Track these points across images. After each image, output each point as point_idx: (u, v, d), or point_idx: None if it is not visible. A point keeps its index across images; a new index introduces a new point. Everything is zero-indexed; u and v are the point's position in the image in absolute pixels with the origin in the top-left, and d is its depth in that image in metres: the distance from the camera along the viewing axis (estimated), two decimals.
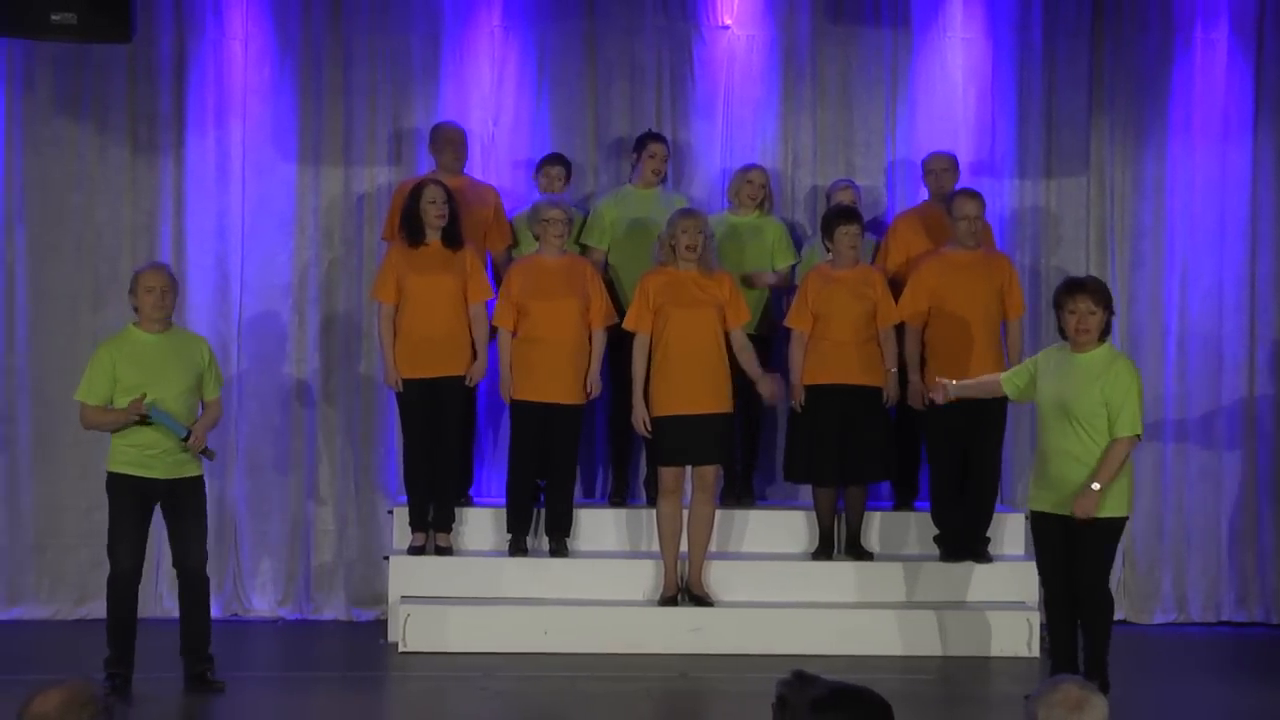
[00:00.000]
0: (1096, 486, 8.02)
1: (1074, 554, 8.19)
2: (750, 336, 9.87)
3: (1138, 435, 8.13)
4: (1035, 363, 8.39)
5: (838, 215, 9.87)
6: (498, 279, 10.02)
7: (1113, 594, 8.44)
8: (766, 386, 9.59)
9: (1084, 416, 8.07)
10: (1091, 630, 8.28)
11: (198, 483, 8.59)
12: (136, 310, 8.58)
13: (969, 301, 9.72)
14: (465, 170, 10.29)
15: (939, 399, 8.76)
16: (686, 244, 9.44)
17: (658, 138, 10.35)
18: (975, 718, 8.86)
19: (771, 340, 10.28)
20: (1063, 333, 8.27)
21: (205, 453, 8.52)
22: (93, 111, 10.45)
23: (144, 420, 8.37)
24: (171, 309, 8.57)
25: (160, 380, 8.43)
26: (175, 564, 8.67)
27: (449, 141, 10.18)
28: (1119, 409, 8.06)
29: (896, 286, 10.04)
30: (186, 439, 8.39)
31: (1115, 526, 8.20)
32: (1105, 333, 8.20)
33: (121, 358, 8.46)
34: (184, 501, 8.52)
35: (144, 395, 8.36)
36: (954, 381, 8.69)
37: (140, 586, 8.73)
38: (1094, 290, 8.17)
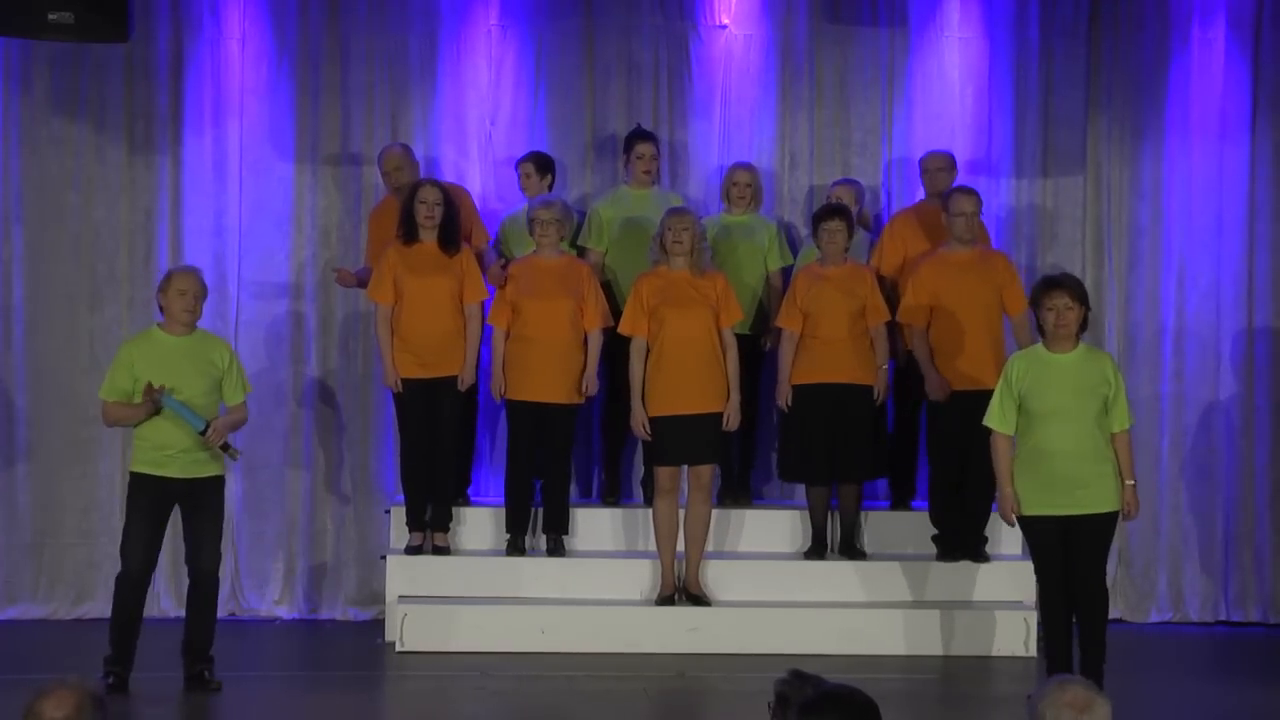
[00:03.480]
0: (1132, 483, 8.24)
1: (1073, 551, 8.22)
2: (743, 336, 9.87)
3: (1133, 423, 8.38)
4: (1009, 382, 8.27)
5: (822, 212, 9.91)
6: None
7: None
8: (733, 411, 9.55)
9: (1091, 415, 8.13)
10: (1092, 626, 8.29)
11: (217, 483, 8.60)
12: (163, 309, 8.60)
13: (967, 300, 9.72)
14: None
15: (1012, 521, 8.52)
16: (673, 239, 9.45)
17: (645, 138, 10.31)
18: (973, 717, 8.85)
19: (760, 339, 10.25)
20: (1041, 330, 8.28)
21: (227, 449, 8.50)
22: (90, 111, 10.45)
23: (158, 410, 8.37)
24: (200, 314, 8.58)
25: (178, 382, 8.44)
26: (188, 563, 8.68)
27: (399, 166, 10.06)
28: (1122, 405, 8.22)
29: (894, 287, 10.05)
30: (204, 432, 8.39)
31: (1115, 521, 8.27)
32: (1082, 329, 8.24)
33: (142, 357, 8.49)
34: (202, 501, 8.53)
35: (162, 386, 8.37)
36: (1011, 493, 8.32)
37: None
38: (1070, 286, 8.22)
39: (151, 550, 8.56)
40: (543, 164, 10.32)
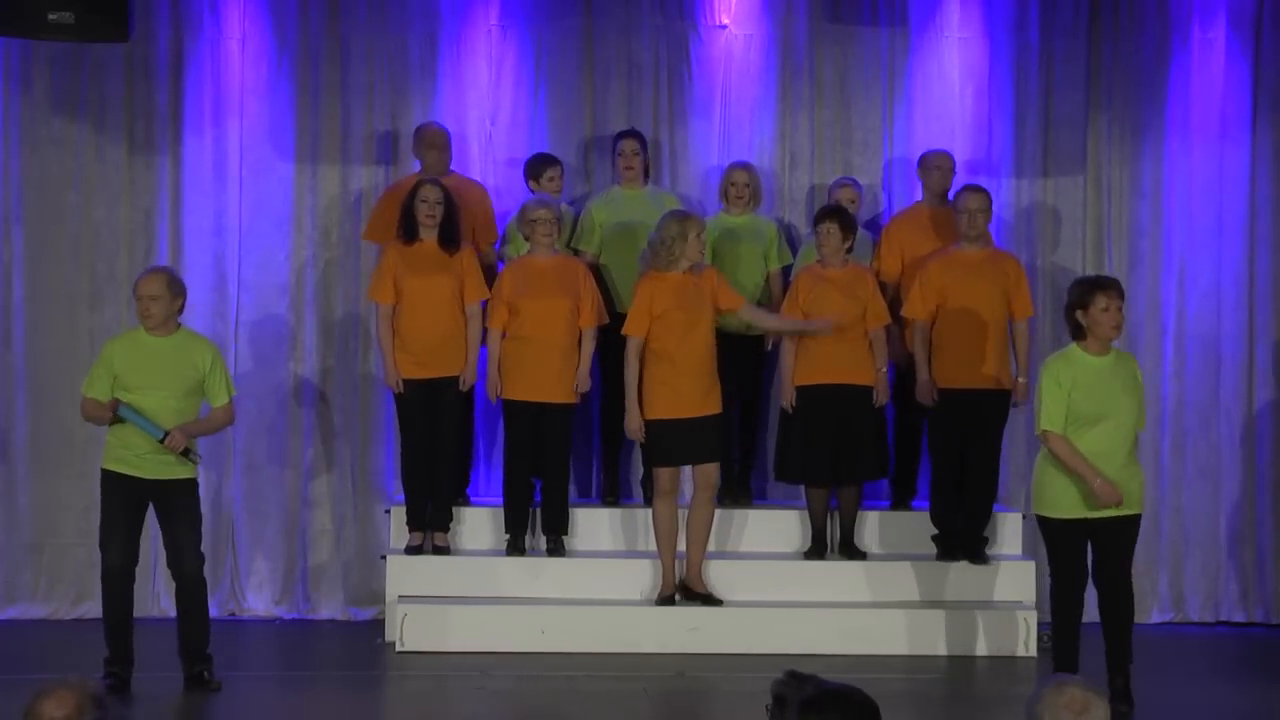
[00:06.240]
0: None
1: (1100, 553, 8.24)
2: (741, 337, 9.89)
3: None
4: (1058, 383, 8.12)
5: (819, 214, 9.92)
6: (486, 276, 9.99)
7: None
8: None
9: (1129, 419, 8.16)
10: (1122, 627, 8.30)
11: (188, 486, 8.55)
12: None
13: (976, 300, 9.71)
14: (458, 169, 10.30)
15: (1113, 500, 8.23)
16: (701, 249, 9.42)
17: (630, 135, 10.31)
18: (973, 717, 8.86)
19: (763, 340, 10.25)
20: (1080, 332, 8.19)
21: (186, 454, 8.46)
22: (90, 111, 10.44)
23: (119, 419, 8.36)
24: (164, 315, 8.50)
25: (157, 382, 8.43)
26: (170, 568, 8.66)
27: (431, 144, 10.13)
28: (1141, 405, 8.32)
29: (895, 293, 10.07)
30: (163, 440, 8.36)
31: (1139, 523, 8.31)
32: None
33: (122, 355, 8.48)
34: (174, 504, 8.51)
35: (117, 400, 8.36)
36: (1104, 481, 8.07)
37: (138, 586, 8.74)
38: (1118, 288, 8.23)
39: (130, 545, 8.54)
40: (561, 166, 10.30)
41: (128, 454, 8.44)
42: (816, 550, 9.97)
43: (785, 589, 9.85)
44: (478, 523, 10.14)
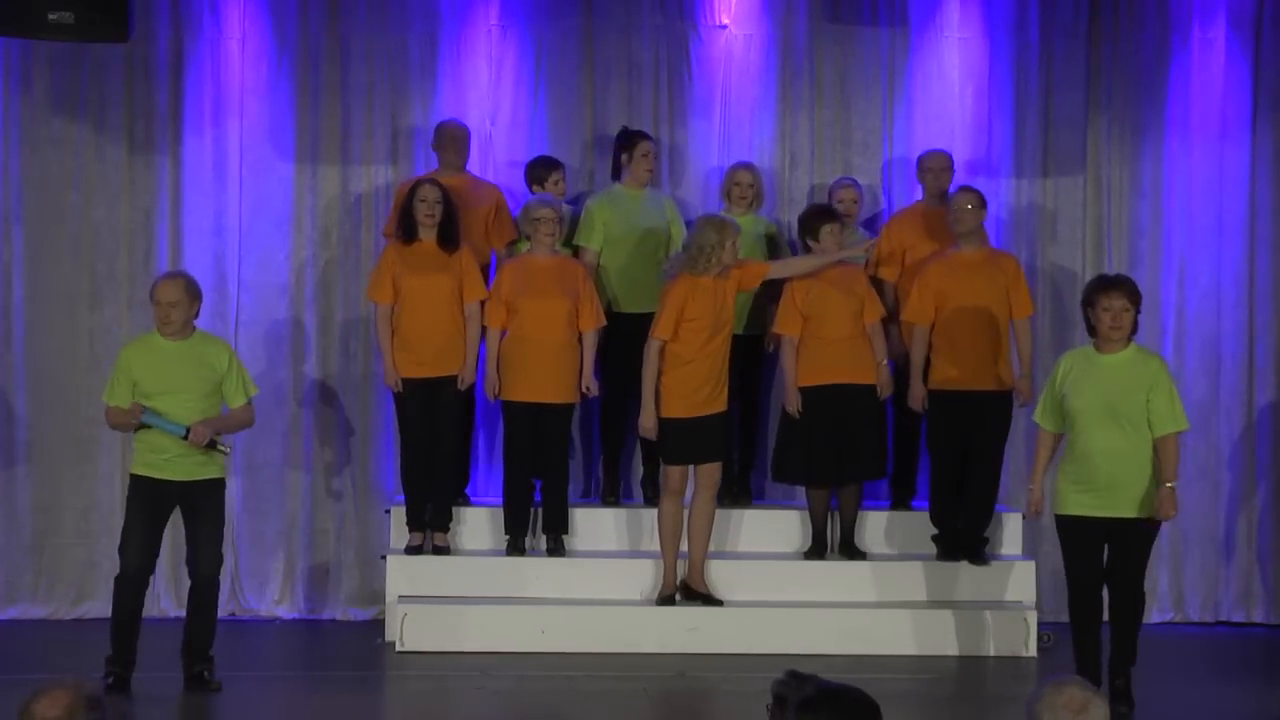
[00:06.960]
0: (1172, 485, 8.18)
1: (1112, 555, 8.22)
2: (741, 337, 9.89)
3: (1185, 428, 8.32)
4: (1054, 380, 8.32)
5: (820, 214, 9.89)
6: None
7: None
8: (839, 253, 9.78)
9: (1134, 416, 8.12)
10: (1128, 629, 8.29)
11: (216, 485, 8.57)
12: None
13: (976, 301, 9.70)
14: (467, 168, 10.31)
15: (1039, 512, 8.56)
16: (736, 255, 9.41)
17: (646, 135, 10.33)
18: (972, 717, 8.86)
19: (763, 340, 10.24)
20: (1092, 331, 8.26)
21: (213, 446, 8.49)
22: (90, 110, 10.44)
23: (143, 425, 8.38)
24: (183, 321, 8.51)
25: (177, 386, 8.44)
26: (187, 565, 8.68)
27: (451, 139, 10.19)
28: (1166, 407, 8.18)
29: (895, 292, 10.08)
30: (186, 437, 8.38)
31: (1157, 527, 8.30)
32: (1134, 331, 8.23)
33: (139, 361, 8.49)
34: (199, 504, 8.52)
35: (138, 404, 8.37)
36: (1038, 488, 8.43)
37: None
38: (1129, 288, 8.22)
39: (148, 551, 8.55)
40: (564, 169, 10.31)
41: (156, 458, 8.46)
42: (816, 550, 9.97)
43: (785, 589, 9.85)
44: (478, 523, 10.14)
